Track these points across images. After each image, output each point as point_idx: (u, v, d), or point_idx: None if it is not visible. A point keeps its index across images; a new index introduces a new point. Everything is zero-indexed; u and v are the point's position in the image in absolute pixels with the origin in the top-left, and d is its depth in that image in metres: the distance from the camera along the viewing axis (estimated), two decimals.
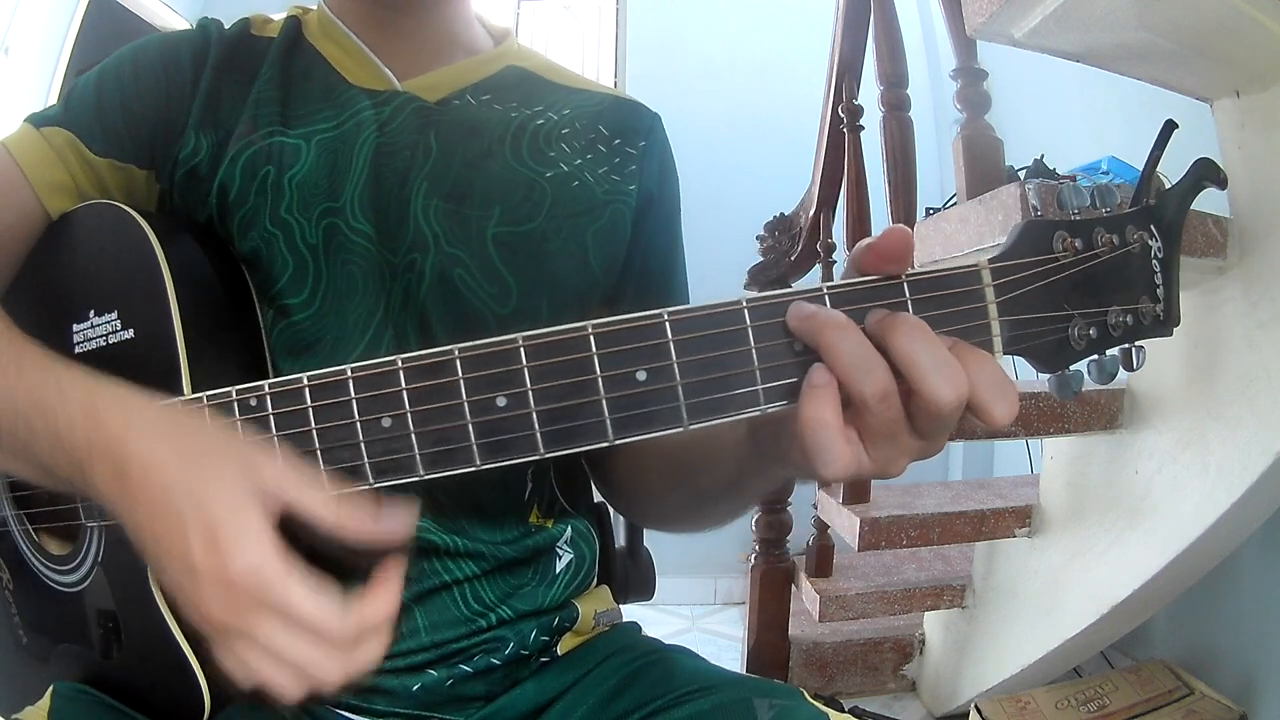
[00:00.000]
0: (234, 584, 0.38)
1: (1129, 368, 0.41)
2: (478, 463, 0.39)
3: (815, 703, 0.56)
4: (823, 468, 0.37)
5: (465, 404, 0.38)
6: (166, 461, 0.40)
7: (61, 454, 0.43)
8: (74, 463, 0.42)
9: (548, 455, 0.38)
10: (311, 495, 0.40)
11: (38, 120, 0.61)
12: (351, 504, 0.40)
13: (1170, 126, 0.42)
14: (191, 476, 0.39)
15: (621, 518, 0.89)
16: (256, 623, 0.38)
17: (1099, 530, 1.43)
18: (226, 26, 0.67)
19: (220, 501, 0.39)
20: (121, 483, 0.40)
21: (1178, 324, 0.41)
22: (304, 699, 0.40)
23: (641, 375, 0.38)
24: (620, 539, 0.88)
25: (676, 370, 0.38)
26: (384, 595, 0.41)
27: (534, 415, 0.38)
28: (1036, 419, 1.41)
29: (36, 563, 0.60)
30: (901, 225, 0.39)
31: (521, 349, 0.38)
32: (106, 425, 0.42)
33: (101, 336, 0.55)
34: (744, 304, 0.38)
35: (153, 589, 0.50)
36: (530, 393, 0.38)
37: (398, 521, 0.41)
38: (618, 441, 0.38)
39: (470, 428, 0.38)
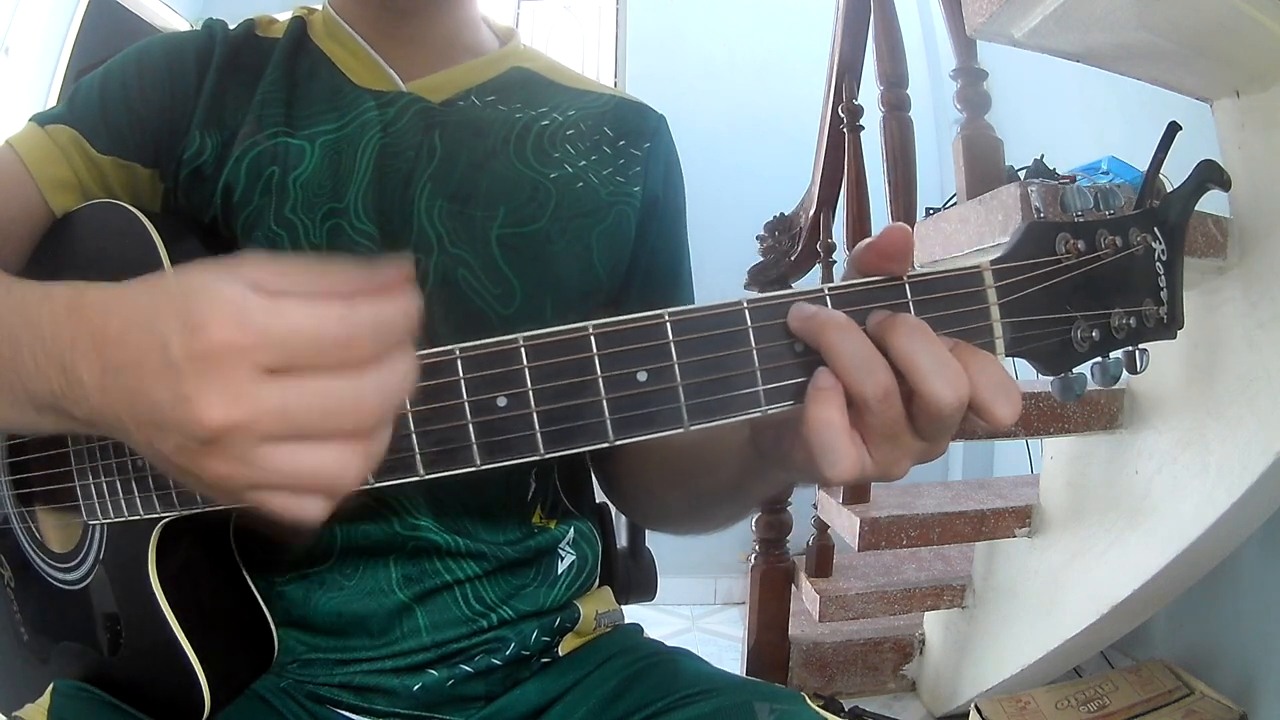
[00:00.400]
0: (218, 353, 0.31)
1: (1132, 370, 0.41)
2: (478, 463, 0.39)
3: (816, 707, 0.56)
4: (828, 468, 0.37)
5: (466, 404, 0.38)
6: (147, 295, 0.35)
7: (44, 357, 0.37)
8: (56, 361, 0.37)
9: (548, 456, 0.38)
10: (290, 265, 0.34)
11: (42, 119, 0.62)
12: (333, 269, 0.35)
13: (1174, 129, 0.42)
14: (168, 287, 0.34)
15: (623, 518, 0.89)
16: (262, 392, 0.31)
17: (1099, 530, 1.43)
18: (231, 27, 0.67)
19: (193, 286, 0.33)
20: (104, 347, 0.35)
21: (1181, 326, 0.41)
22: (361, 470, 0.34)
23: (642, 376, 0.38)
24: (622, 540, 0.88)
25: (677, 371, 0.38)
26: (389, 292, 0.35)
27: (534, 415, 0.38)
28: (1036, 419, 1.41)
29: (38, 560, 0.60)
30: (901, 224, 0.39)
31: (522, 349, 0.38)
32: (90, 307, 0.36)
33: None
34: (745, 305, 0.38)
35: (154, 588, 0.50)
36: (531, 393, 0.38)
37: (393, 273, 0.35)
38: (618, 442, 0.38)
39: (470, 428, 0.38)
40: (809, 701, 0.57)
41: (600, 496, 0.77)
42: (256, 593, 0.57)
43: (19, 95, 2.27)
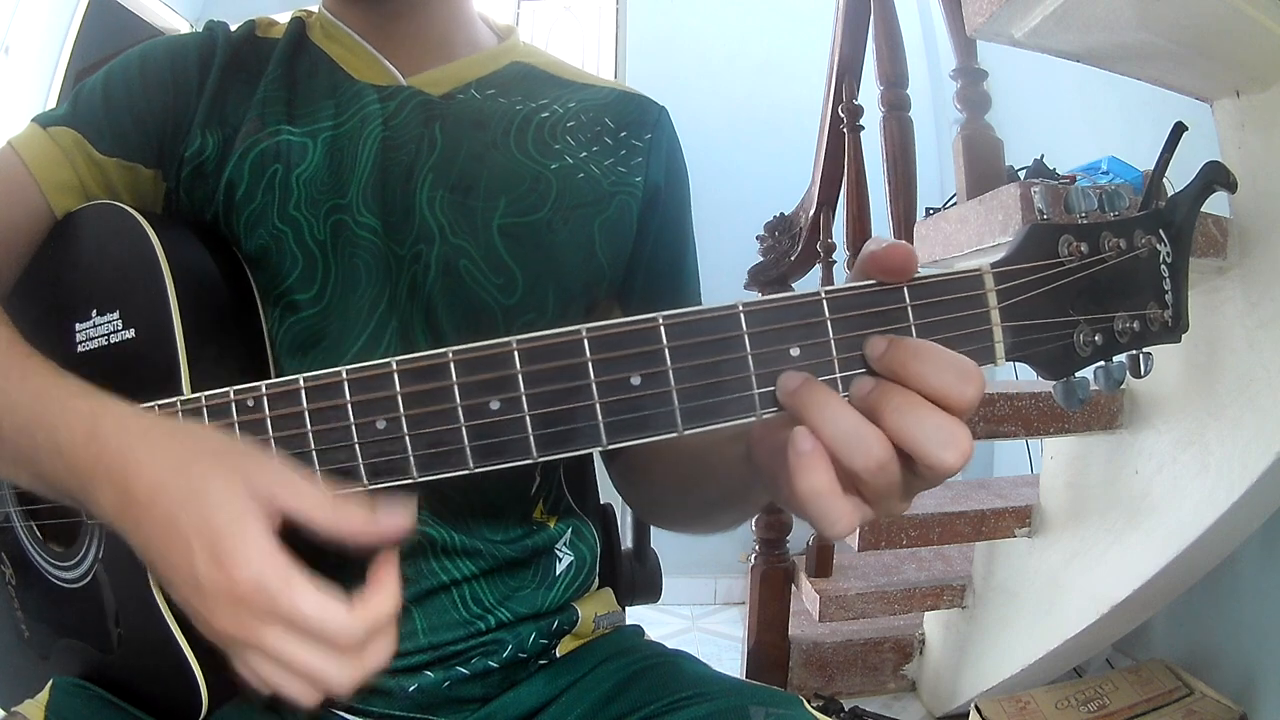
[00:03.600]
0: (239, 597, 0.38)
1: (1136, 375, 0.40)
2: (471, 466, 0.39)
3: (814, 711, 0.56)
4: (827, 529, 0.37)
5: (459, 407, 0.38)
6: (167, 481, 0.40)
7: (64, 469, 0.43)
8: (77, 478, 0.43)
9: (541, 459, 0.38)
10: (309, 498, 0.40)
11: (45, 120, 0.62)
12: (348, 504, 0.40)
13: (1180, 129, 0.41)
14: (191, 490, 0.40)
15: (628, 519, 0.89)
16: (265, 634, 0.38)
17: (1099, 530, 1.43)
18: (232, 29, 0.67)
19: (221, 513, 0.39)
20: (125, 504, 0.41)
21: (1186, 330, 0.40)
22: (317, 704, 0.40)
23: (636, 380, 0.38)
24: (627, 541, 0.88)
25: (671, 375, 0.38)
26: (384, 593, 0.41)
27: (527, 419, 0.38)
28: (1036, 419, 1.41)
29: (39, 558, 0.60)
30: (905, 243, 0.38)
31: (515, 352, 0.38)
32: (109, 446, 0.42)
33: (103, 336, 0.55)
34: (740, 309, 0.38)
35: (153, 588, 0.50)
36: (524, 396, 0.38)
37: (395, 519, 0.41)
38: (610, 446, 0.38)
39: (464, 431, 0.38)
40: (807, 705, 0.57)
41: (604, 497, 0.77)
42: None
43: (19, 95, 2.27)
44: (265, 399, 0.43)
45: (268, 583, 0.38)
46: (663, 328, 0.38)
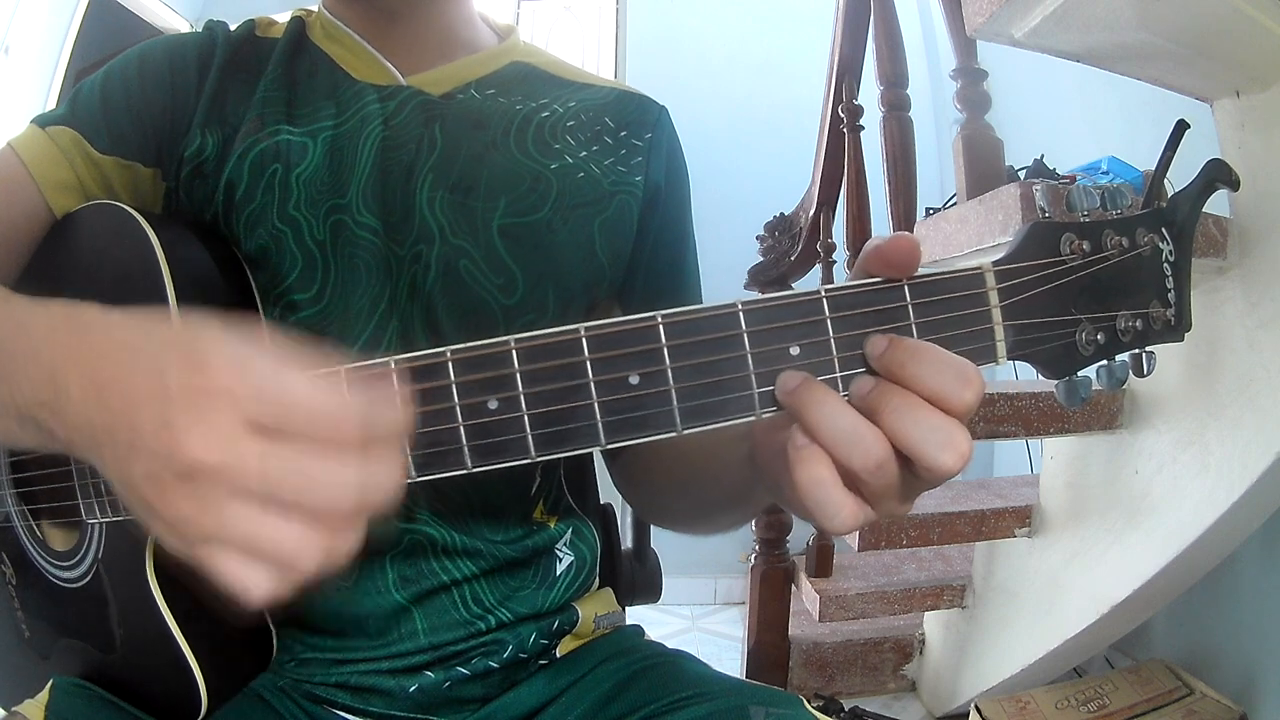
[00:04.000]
0: (216, 391, 0.31)
1: (1139, 373, 0.40)
2: (469, 465, 0.38)
3: (814, 711, 0.56)
4: (827, 521, 0.36)
5: (457, 407, 0.38)
6: (147, 324, 0.35)
7: (35, 368, 0.37)
8: (46, 373, 0.37)
9: (540, 458, 0.38)
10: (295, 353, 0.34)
11: (43, 120, 0.62)
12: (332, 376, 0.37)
13: (1182, 127, 0.41)
14: (171, 324, 0.35)
15: (628, 520, 0.89)
16: (247, 445, 0.31)
17: (1099, 530, 1.43)
18: (232, 28, 0.67)
19: (203, 330, 0.33)
20: (96, 366, 0.35)
21: (1189, 329, 0.40)
22: (317, 558, 0.33)
23: (634, 379, 0.37)
24: (627, 541, 0.88)
25: (670, 374, 0.37)
26: (390, 395, 0.36)
27: (526, 418, 0.38)
28: (1036, 419, 1.41)
29: (39, 558, 0.60)
30: (909, 234, 0.38)
31: (514, 351, 0.38)
32: (87, 322, 0.37)
33: None
34: (739, 307, 0.38)
35: (152, 587, 0.50)
36: (522, 396, 0.38)
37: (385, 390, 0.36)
38: (609, 445, 0.38)
39: (462, 430, 0.38)
40: (807, 705, 0.57)
41: (604, 497, 0.77)
42: None
43: (19, 95, 2.27)
44: None
45: (254, 370, 0.32)
46: (661, 326, 0.38)
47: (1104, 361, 0.40)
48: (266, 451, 0.31)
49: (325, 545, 0.32)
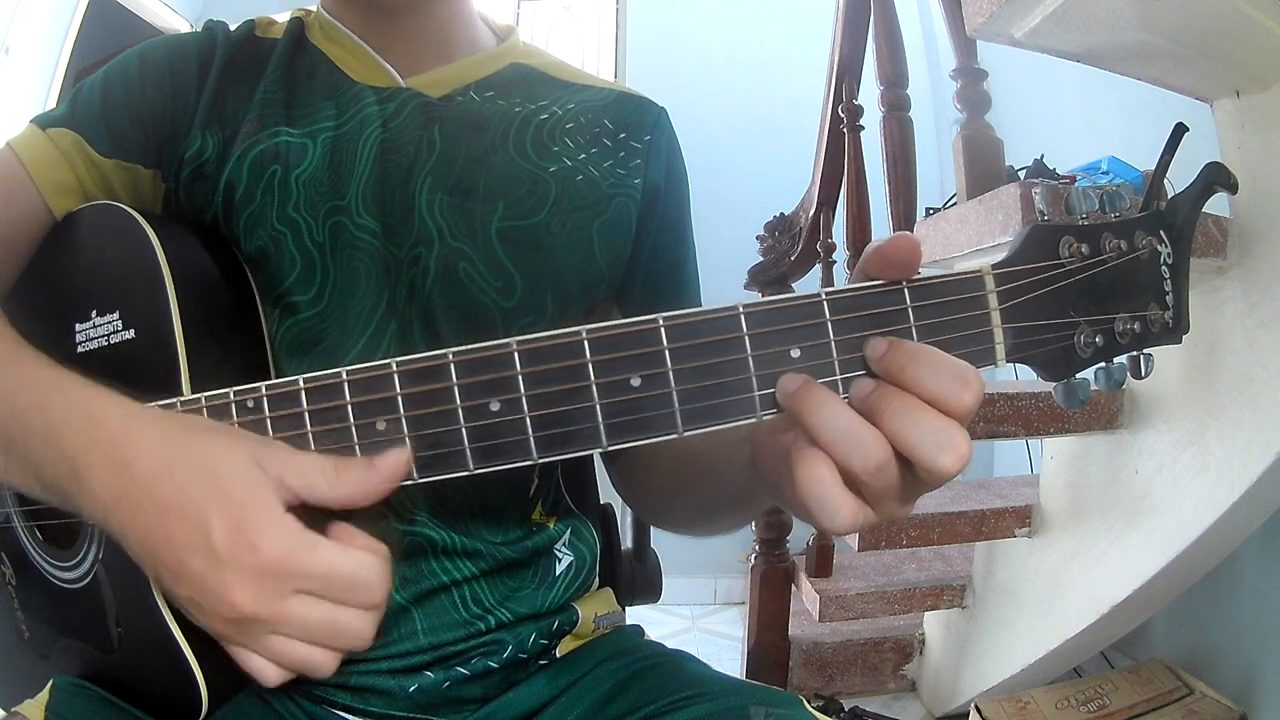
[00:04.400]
0: (265, 568, 0.37)
1: (1137, 376, 0.40)
2: (471, 467, 0.39)
3: (814, 711, 0.56)
4: (827, 521, 0.37)
5: (459, 409, 0.38)
6: (175, 456, 0.39)
7: (55, 452, 0.41)
8: (68, 462, 0.41)
9: (541, 460, 0.38)
10: (313, 473, 0.40)
11: (43, 122, 0.61)
12: (347, 466, 0.41)
13: (1181, 130, 0.41)
14: (204, 464, 0.39)
15: (628, 520, 0.89)
16: (290, 603, 0.38)
17: (1099, 530, 1.43)
18: (232, 29, 0.67)
19: (240, 488, 0.38)
20: (123, 481, 0.39)
21: (1187, 331, 0.41)
22: (332, 669, 0.41)
23: (636, 381, 0.38)
24: (627, 541, 0.88)
25: (671, 377, 0.38)
26: (372, 540, 0.42)
27: (528, 420, 0.38)
28: (1036, 419, 1.41)
29: (39, 558, 0.60)
30: (909, 234, 0.39)
31: (516, 354, 0.38)
32: (107, 424, 0.41)
33: (103, 336, 0.55)
34: (740, 310, 0.38)
35: (153, 587, 0.50)
36: (524, 398, 0.38)
37: (393, 463, 0.41)
38: (611, 448, 0.38)
39: (464, 432, 0.38)
40: (807, 705, 0.57)
41: (604, 497, 0.77)
42: None
43: (19, 95, 2.27)
44: (265, 400, 0.43)
45: (296, 546, 0.38)
46: (663, 329, 0.38)
47: (1102, 364, 0.40)
48: (308, 611, 0.38)
49: (339, 658, 0.40)
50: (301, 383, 0.42)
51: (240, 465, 0.39)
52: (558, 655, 0.65)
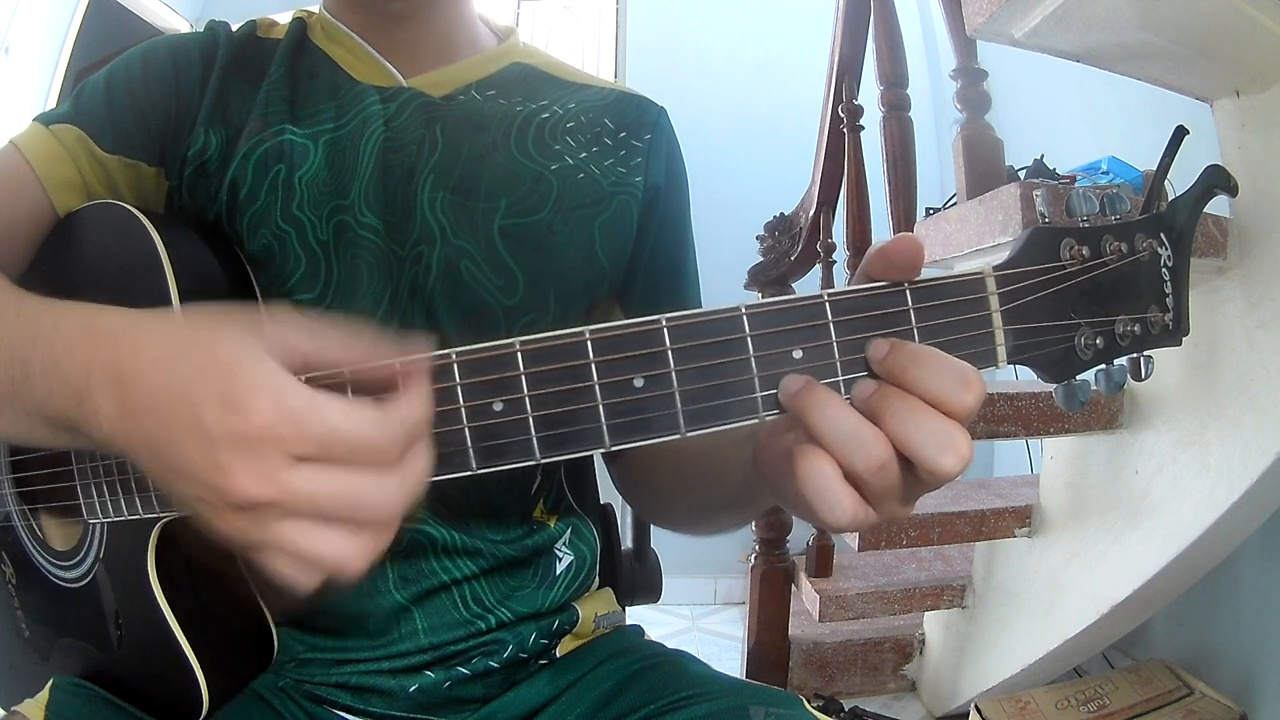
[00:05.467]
0: (259, 436, 0.33)
1: (1137, 378, 0.41)
2: (474, 467, 0.39)
3: (814, 711, 0.56)
4: (829, 515, 0.37)
5: (462, 408, 0.38)
6: (173, 346, 0.36)
7: (58, 382, 0.39)
8: (72, 390, 0.38)
9: (544, 460, 0.38)
10: (325, 334, 0.37)
11: (47, 119, 0.62)
12: (363, 336, 0.37)
13: (1181, 133, 0.41)
14: (199, 346, 0.35)
15: (628, 520, 0.89)
16: (294, 479, 0.33)
17: (1099, 530, 1.43)
18: (234, 29, 0.67)
19: (228, 352, 0.34)
20: (123, 388, 0.36)
21: (1187, 333, 0.41)
22: (366, 560, 0.35)
23: (639, 382, 0.38)
24: (627, 541, 0.88)
25: (674, 377, 0.38)
26: (416, 397, 0.36)
27: (531, 420, 0.38)
28: (1036, 419, 1.41)
29: (40, 558, 0.60)
30: (912, 235, 0.39)
31: (519, 354, 0.38)
32: (108, 333, 0.38)
33: None
34: (743, 311, 0.38)
35: (153, 586, 0.50)
36: (527, 398, 0.38)
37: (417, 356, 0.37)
38: (614, 448, 0.38)
39: (467, 432, 0.38)
40: (807, 705, 0.57)
41: (604, 496, 0.77)
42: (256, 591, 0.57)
43: (19, 95, 2.27)
44: None
45: (292, 409, 0.33)
46: (666, 330, 0.38)
47: (1102, 365, 0.40)
48: (314, 480, 0.34)
49: (371, 547, 0.35)
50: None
51: (231, 341, 0.35)
52: (558, 655, 0.66)
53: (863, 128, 1.77)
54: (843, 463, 0.36)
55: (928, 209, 1.59)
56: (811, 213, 1.89)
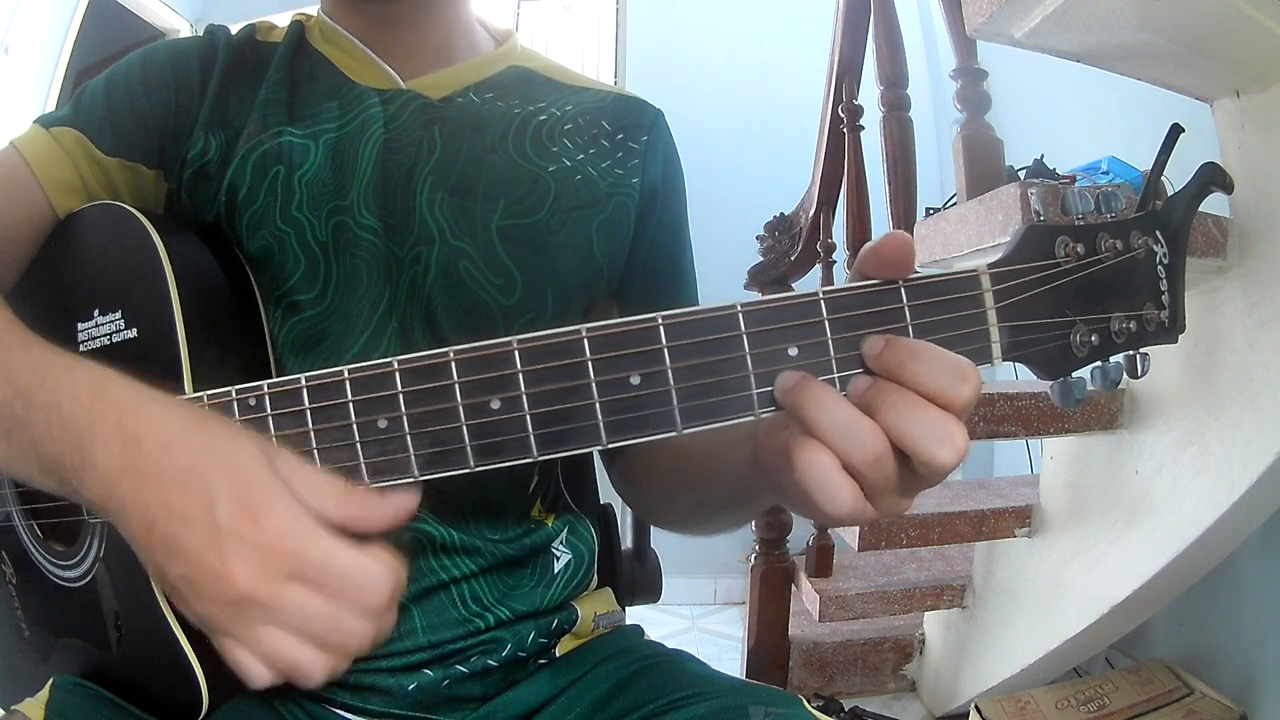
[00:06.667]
0: (266, 544, 0.36)
1: (1133, 375, 0.41)
2: (472, 464, 0.39)
3: (814, 710, 0.56)
4: (828, 505, 0.37)
5: (460, 406, 0.38)
6: (188, 433, 0.38)
7: (59, 428, 0.40)
8: (73, 437, 0.40)
9: (541, 458, 0.38)
10: (322, 485, 0.39)
11: (47, 121, 0.62)
12: (355, 489, 0.40)
13: (1176, 131, 0.41)
14: (216, 441, 0.38)
15: (628, 519, 0.89)
16: (287, 590, 0.36)
17: (1099, 530, 1.43)
18: (233, 32, 0.67)
19: (250, 464, 0.37)
20: (131, 453, 0.38)
21: (1183, 331, 0.41)
22: (323, 680, 0.39)
23: (635, 379, 0.38)
24: (627, 541, 0.88)
25: (670, 375, 0.38)
26: (395, 562, 0.39)
27: (528, 418, 0.38)
28: (1036, 419, 1.41)
29: (40, 557, 0.61)
30: (903, 232, 0.39)
31: (516, 352, 0.38)
32: (117, 400, 0.40)
33: (105, 335, 0.55)
34: (739, 309, 0.38)
35: (154, 586, 0.50)
36: (524, 396, 0.38)
37: (402, 500, 0.40)
38: (610, 445, 0.38)
39: (465, 430, 0.38)
40: (806, 705, 0.57)
41: (604, 496, 0.78)
42: None
43: (19, 95, 2.28)
44: (267, 398, 0.43)
45: (300, 530, 0.36)
46: (662, 327, 0.38)
47: (1098, 362, 0.40)
48: (304, 598, 0.37)
49: (332, 666, 0.38)
50: (303, 381, 0.42)
51: (253, 452, 0.38)
52: (557, 654, 0.66)
53: (863, 128, 1.77)
54: (840, 455, 0.36)
55: (928, 209, 1.59)
56: (811, 213, 1.89)
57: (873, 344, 0.38)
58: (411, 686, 0.59)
